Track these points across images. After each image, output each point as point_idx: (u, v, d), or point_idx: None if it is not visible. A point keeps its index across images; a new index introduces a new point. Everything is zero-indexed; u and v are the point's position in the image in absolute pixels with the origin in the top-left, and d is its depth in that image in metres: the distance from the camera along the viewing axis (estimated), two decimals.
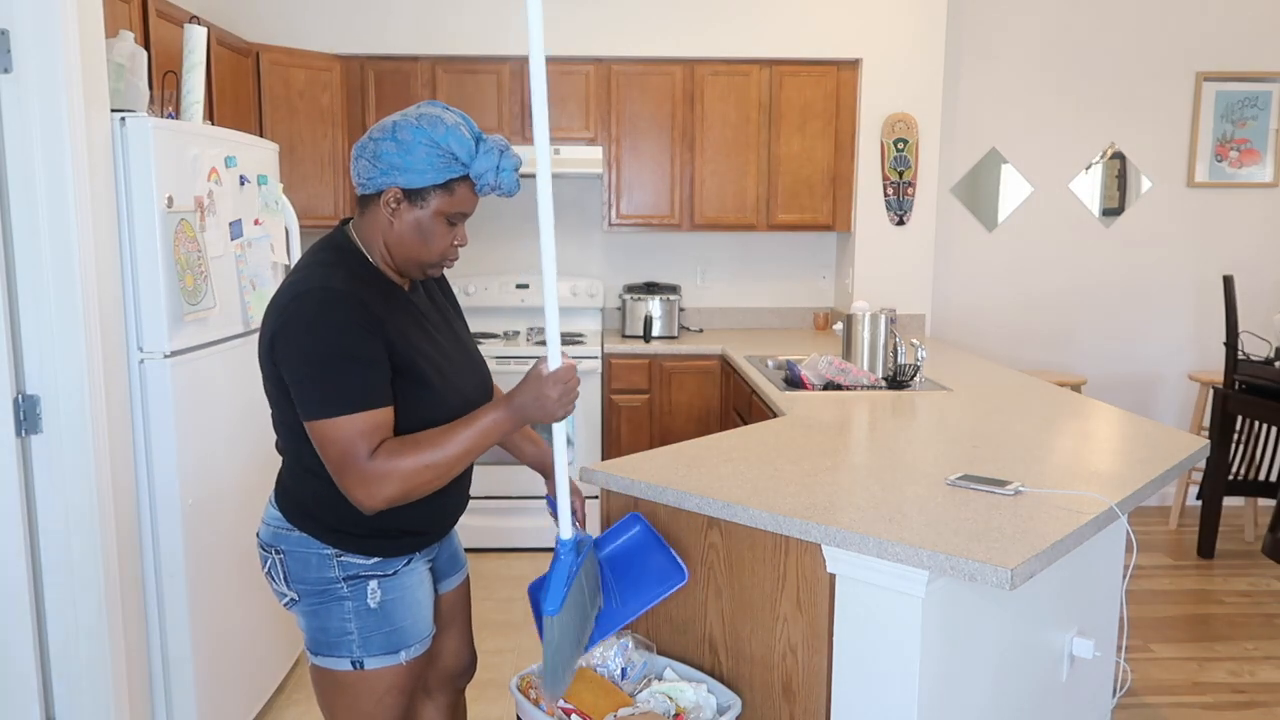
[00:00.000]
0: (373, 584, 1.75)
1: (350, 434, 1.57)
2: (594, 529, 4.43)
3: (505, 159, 1.69)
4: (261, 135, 4.10)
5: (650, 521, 2.19)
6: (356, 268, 1.70)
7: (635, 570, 1.86)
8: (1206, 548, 4.52)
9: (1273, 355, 4.41)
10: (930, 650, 1.79)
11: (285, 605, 1.81)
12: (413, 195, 1.67)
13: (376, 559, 1.77)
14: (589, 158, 4.63)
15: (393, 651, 1.77)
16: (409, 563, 1.81)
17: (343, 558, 1.75)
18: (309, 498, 1.74)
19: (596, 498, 4.37)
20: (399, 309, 1.72)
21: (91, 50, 2.26)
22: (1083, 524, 1.87)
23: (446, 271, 4.60)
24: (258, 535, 1.83)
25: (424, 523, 1.82)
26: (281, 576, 1.78)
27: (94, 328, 2.26)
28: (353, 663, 1.76)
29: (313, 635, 1.79)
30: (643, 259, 5.18)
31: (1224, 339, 4.52)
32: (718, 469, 2.24)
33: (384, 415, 1.62)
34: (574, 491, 1.89)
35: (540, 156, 1.60)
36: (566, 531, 1.74)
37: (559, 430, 1.78)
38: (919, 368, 3.38)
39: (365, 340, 1.60)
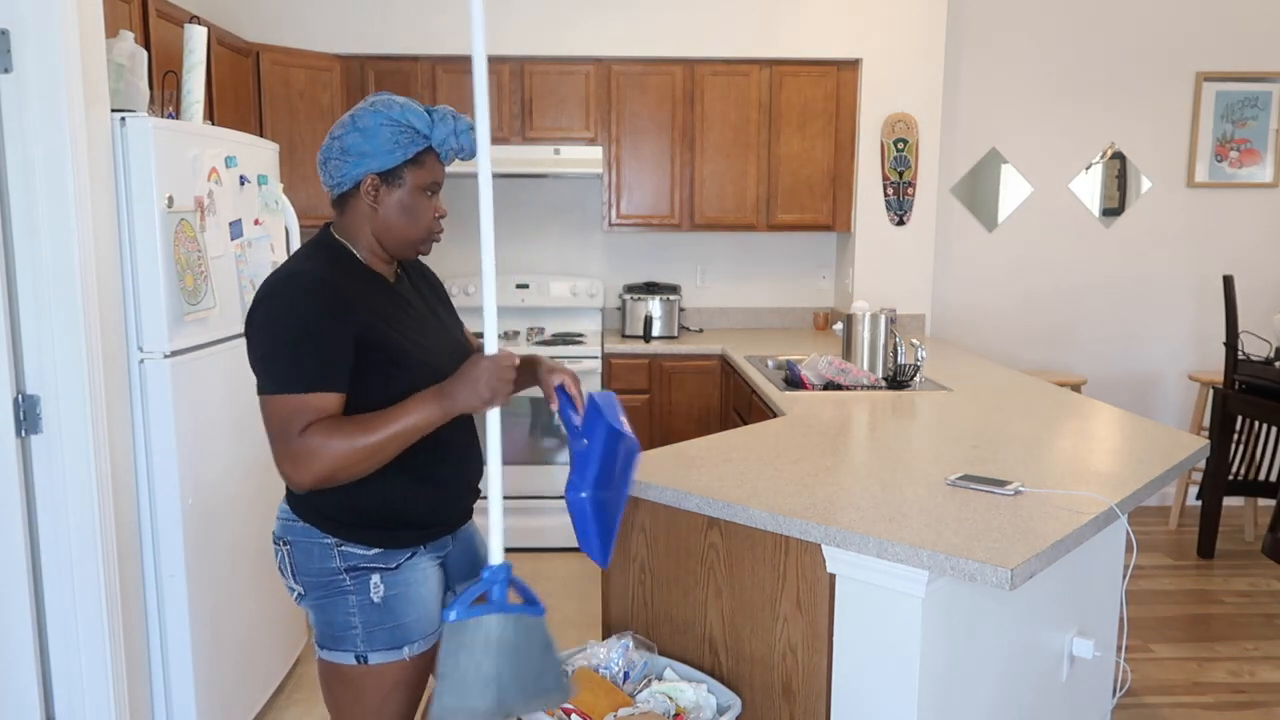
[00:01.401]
0: (375, 578, 1.76)
1: (287, 412, 1.61)
2: None
3: (460, 122, 1.75)
4: (261, 135, 4.09)
5: (650, 520, 2.20)
6: (339, 258, 1.75)
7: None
8: (1206, 548, 4.52)
9: (1273, 355, 4.41)
10: (930, 650, 1.79)
11: (295, 600, 1.83)
12: (388, 177, 1.73)
13: (377, 550, 1.77)
14: (589, 158, 4.63)
15: (396, 647, 1.78)
16: (412, 557, 1.81)
17: (343, 547, 1.76)
18: None
19: None
20: (381, 294, 1.77)
21: (91, 50, 2.26)
22: (1083, 524, 1.87)
23: (437, 271, 4.61)
24: (273, 532, 1.85)
25: (423, 515, 1.82)
26: (290, 569, 1.80)
27: (94, 328, 2.26)
28: (357, 657, 1.76)
29: (320, 629, 1.80)
30: (643, 259, 5.18)
31: (1224, 339, 4.52)
32: (718, 469, 2.24)
33: (327, 400, 1.63)
34: (563, 373, 1.83)
35: (480, 126, 1.61)
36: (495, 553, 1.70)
37: (493, 419, 1.69)
38: (919, 368, 3.38)
39: (323, 325, 1.63)
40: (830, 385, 3.32)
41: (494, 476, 1.68)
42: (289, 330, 1.62)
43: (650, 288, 4.91)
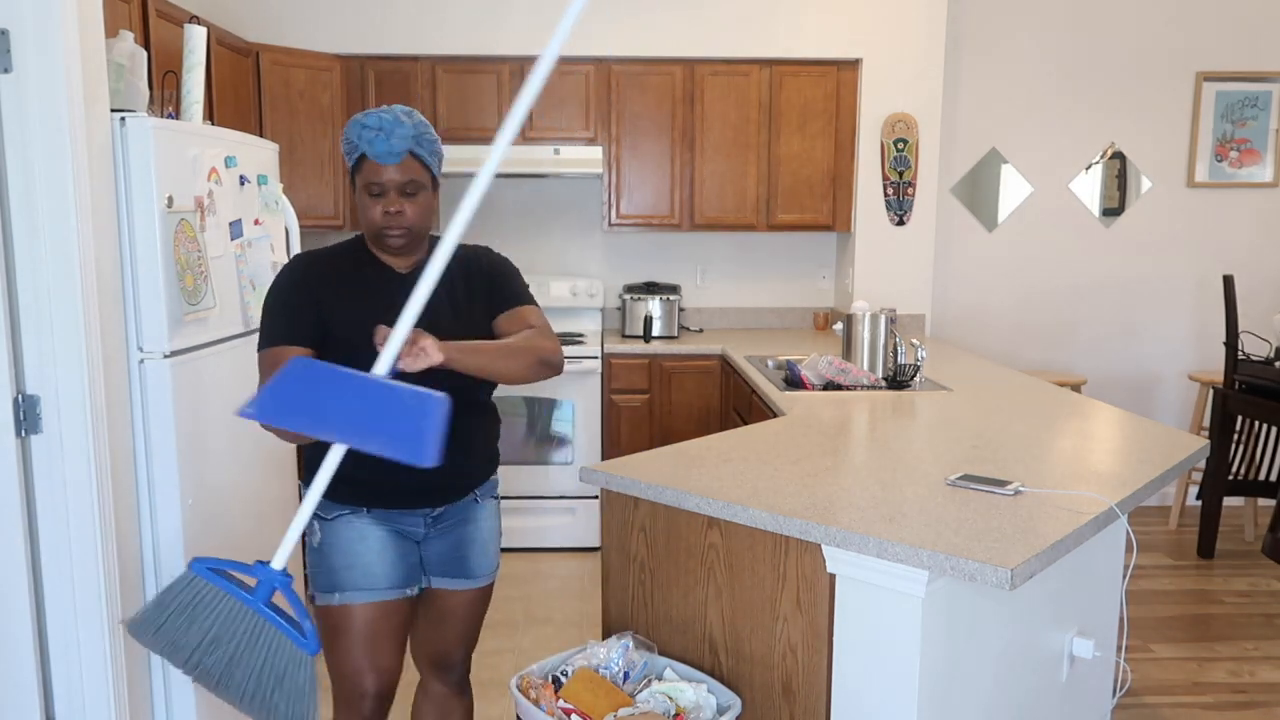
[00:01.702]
0: (314, 523, 2.00)
1: (264, 362, 1.94)
2: (593, 533, 4.43)
3: (365, 123, 1.88)
4: (261, 135, 4.09)
5: (650, 520, 2.20)
6: (347, 249, 2.05)
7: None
8: (1206, 548, 4.52)
9: (1273, 355, 4.41)
10: (930, 650, 1.79)
11: None
12: (351, 184, 2.01)
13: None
14: (589, 158, 4.63)
15: (329, 590, 1.99)
16: (349, 514, 1.98)
17: (303, 491, 1.95)
18: None
19: (596, 498, 4.37)
20: (374, 282, 1.99)
21: (91, 50, 2.26)
22: (1083, 524, 1.87)
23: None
24: None
25: (355, 477, 1.73)
26: None
27: (94, 328, 2.26)
28: (310, 596, 2.04)
29: None
30: (643, 259, 5.18)
31: (1224, 339, 4.52)
32: (718, 469, 2.24)
33: (289, 352, 1.87)
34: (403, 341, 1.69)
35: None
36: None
37: (335, 452, 1.60)
38: (919, 368, 3.38)
39: (287, 295, 1.97)
40: (830, 385, 3.32)
41: (314, 491, 1.63)
42: (268, 299, 1.99)
43: (650, 288, 4.91)
